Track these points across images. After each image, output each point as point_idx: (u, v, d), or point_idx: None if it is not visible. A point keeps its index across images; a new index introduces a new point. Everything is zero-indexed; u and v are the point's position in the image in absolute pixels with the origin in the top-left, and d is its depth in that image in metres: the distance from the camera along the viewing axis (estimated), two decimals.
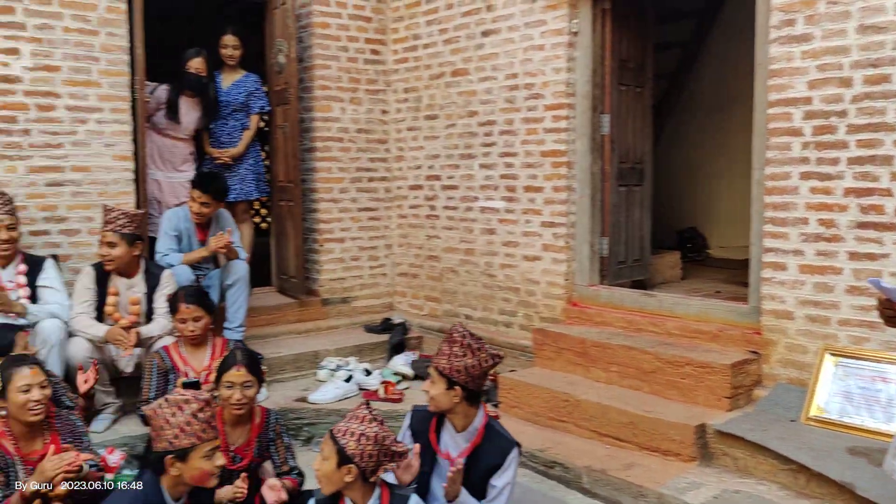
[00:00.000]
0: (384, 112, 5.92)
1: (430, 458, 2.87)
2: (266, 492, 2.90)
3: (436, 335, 5.51)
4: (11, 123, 4.41)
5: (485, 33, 5.18)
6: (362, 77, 5.77)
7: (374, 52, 5.83)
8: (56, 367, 3.81)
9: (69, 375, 3.84)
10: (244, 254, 4.94)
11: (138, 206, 4.79)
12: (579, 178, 4.79)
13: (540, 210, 4.93)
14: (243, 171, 5.42)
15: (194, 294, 3.82)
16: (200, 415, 2.47)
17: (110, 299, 4.11)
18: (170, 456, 2.44)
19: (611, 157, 4.85)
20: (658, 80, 6.32)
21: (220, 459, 2.52)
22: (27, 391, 2.80)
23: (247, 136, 5.41)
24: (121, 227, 4.08)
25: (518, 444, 2.91)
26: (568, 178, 4.77)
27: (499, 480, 2.83)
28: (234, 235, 4.76)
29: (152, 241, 4.78)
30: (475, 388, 2.80)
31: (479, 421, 2.87)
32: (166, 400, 2.50)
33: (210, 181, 4.63)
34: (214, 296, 4.54)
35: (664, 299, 4.52)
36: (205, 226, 4.74)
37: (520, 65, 4.97)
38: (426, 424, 2.93)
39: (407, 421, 3.02)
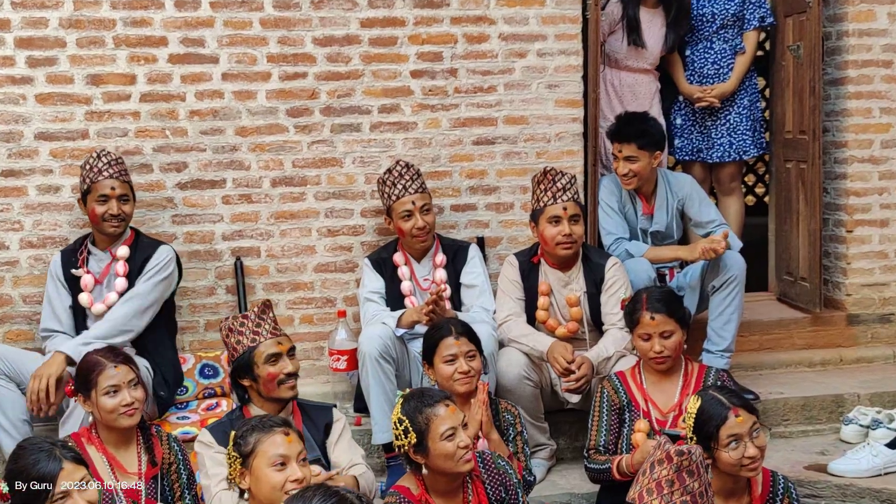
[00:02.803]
0: None
1: None
2: None
3: None
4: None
5: None
6: None
7: None
8: (490, 384, 3.52)
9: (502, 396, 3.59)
10: (738, 242, 4.05)
11: (586, 170, 4.19)
12: None
13: None
14: (734, 116, 4.49)
15: (663, 299, 3.28)
16: (692, 483, 2.20)
17: (542, 301, 3.67)
18: None
19: None
20: None
21: None
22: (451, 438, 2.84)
23: (740, 63, 4.44)
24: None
25: None
26: None
27: None
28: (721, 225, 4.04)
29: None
30: None
31: None
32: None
33: (630, 124, 4.00)
34: (688, 302, 3.79)
35: None
36: (647, 192, 4.07)
37: None
38: None
39: None
